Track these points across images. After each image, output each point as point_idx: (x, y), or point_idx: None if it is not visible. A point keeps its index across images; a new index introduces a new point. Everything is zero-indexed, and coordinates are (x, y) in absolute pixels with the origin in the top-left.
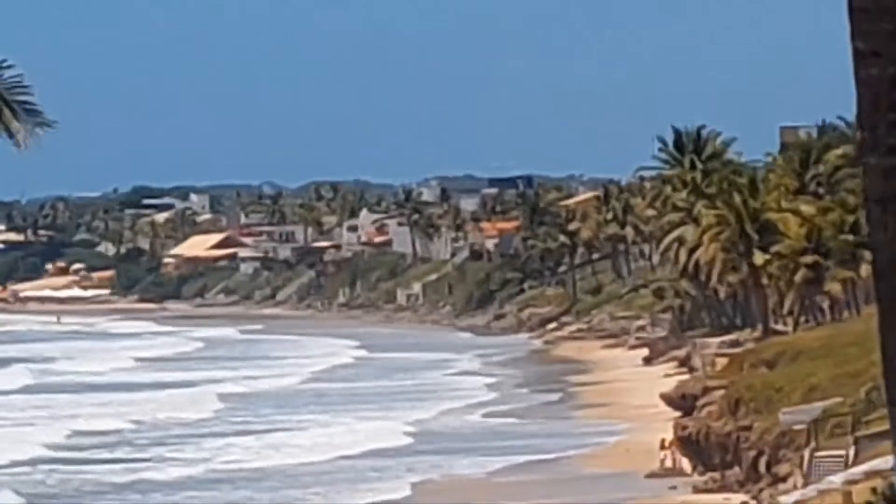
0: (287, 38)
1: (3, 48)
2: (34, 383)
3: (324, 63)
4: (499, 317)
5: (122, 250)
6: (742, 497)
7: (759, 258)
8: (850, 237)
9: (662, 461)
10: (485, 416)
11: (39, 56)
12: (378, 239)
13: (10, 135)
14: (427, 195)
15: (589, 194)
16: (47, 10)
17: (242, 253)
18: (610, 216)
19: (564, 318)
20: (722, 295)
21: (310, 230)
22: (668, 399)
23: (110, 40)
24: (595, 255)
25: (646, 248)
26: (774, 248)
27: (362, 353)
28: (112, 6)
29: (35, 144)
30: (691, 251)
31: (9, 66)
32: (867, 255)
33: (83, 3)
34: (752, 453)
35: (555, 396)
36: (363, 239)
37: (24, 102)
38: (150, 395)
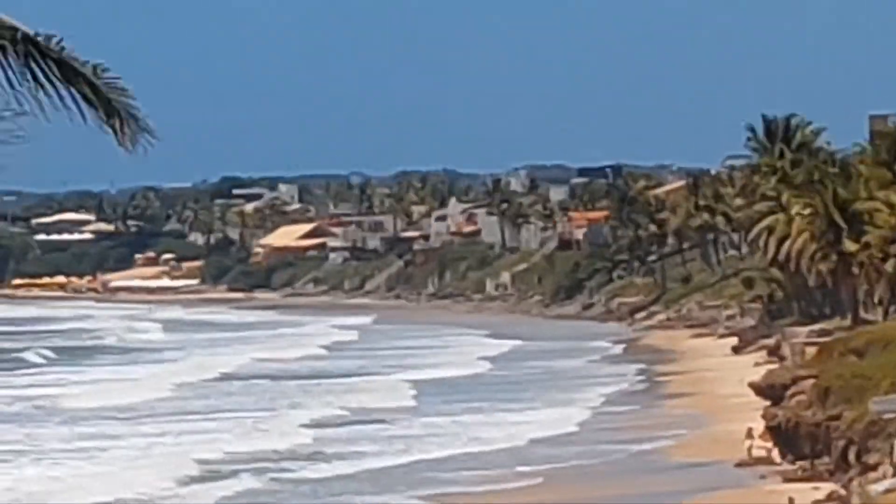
0: (374, 27)
1: (94, 40)
2: (233, 371)
3: (412, 53)
4: (588, 306)
5: (212, 240)
6: (832, 486)
7: (849, 247)
8: None
9: (751, 450)
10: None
11: (129, 44)
12: (467, 229)
13: (116, 135)
14: (516, 185)
15: (678, 183)
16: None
17: (331, 243)
18: (699, 205)
19: (653, 308)
20: (811, 284)
21: (398, 220)
22: (757, 388)
23: (200, 30)
24: (684, 245)
25: (735, 237)
26: (864, 238)
27: (514, 342)
28: None
29: (134, 149)
30: (780, 241)
31: (105, 70)
32: None
33: None
34: (842, 442)
35: (643, 386)
36: (452, 229)
37: (126, 105)
38: (345, 382)
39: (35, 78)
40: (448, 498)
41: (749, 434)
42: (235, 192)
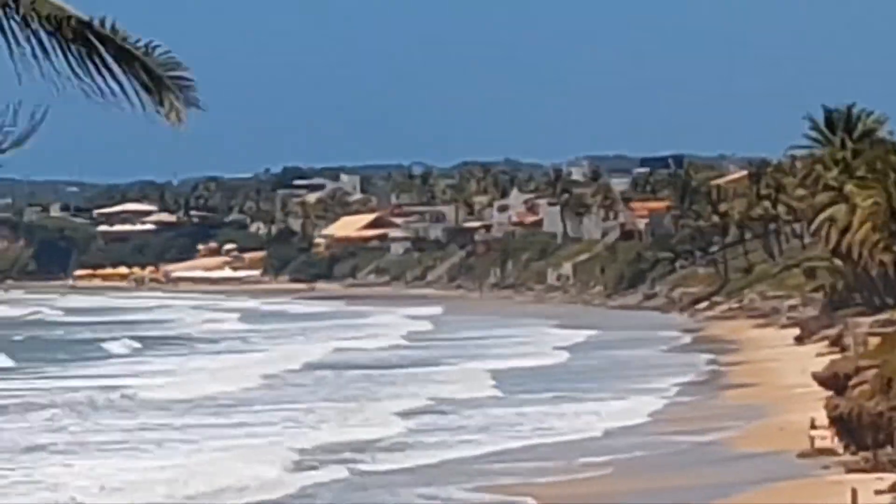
0: (438, 18)
1: (157, 31)
2: (317, 361)
3: (474, 44)
4: (649, 297)
5: (274, 231)
6: (895, 477)
7: None
8: None
9: (814, 441)
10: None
11: (192, 36)
12: (528, 219)
13: (168, 112)
14: (577, 175)
15: (740, 173)
16: None
17: (393, 233)
18: (761, 195)
19: (715, 298)
20: (874, 274)
21: (460, 210)
22: (819, 378)
23: (262, 21)
24: (746, 235)
25: (797, 227)
26: None
27: (587, 332)
28: None
29: (189, 122)
30: (843, 231)
31: (157, 46)
32: None
33: None
34: None
35: (708, 376)
36: (514, 219)
37: (178, 78)
38: (426, 371)
39: (95, 65)
40: (531, 488)
41: (812, 424)
42: (297, 182)
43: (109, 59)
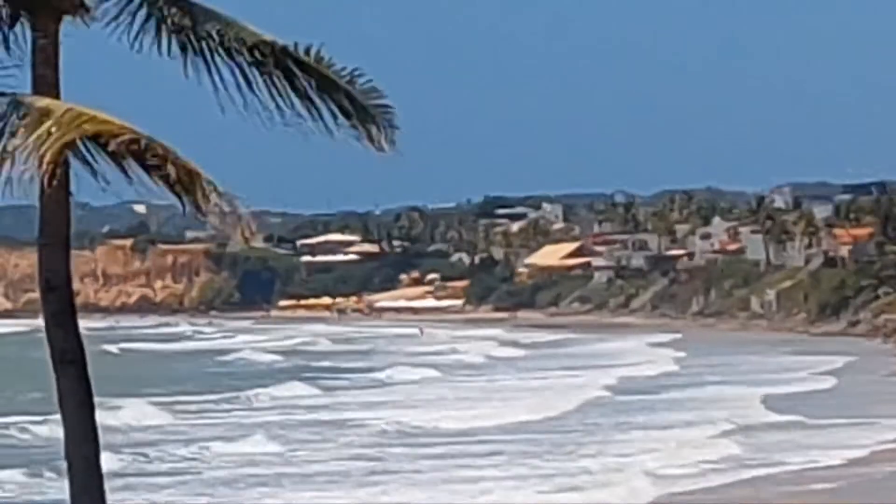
0: (633, 43)
1: (362, 59)
2: (615, 385)
3: (675, 71)
4: (853, 323)
5: (476, 260)
6: None
7: None
8: None
9: None
10: None
11: (392, 67)
12: (731, 246)
13: (371, 141)
14: (779, 202)
15: None
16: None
17: (596, 262)
18: None
19: None
20: None
21: (662, 238)
22: None
23: (466, 53)
24: None
25: None
26: None
27: (844, 358)
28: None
29: (390, 151)
30: None
31: (360, 74)
32: None
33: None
34: None
35: None
36: (716, 247)
37: (380, 106)
38: (706, 395)
39: (297, 94)
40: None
41: None
42: (499, 211)
43: (310, 88)
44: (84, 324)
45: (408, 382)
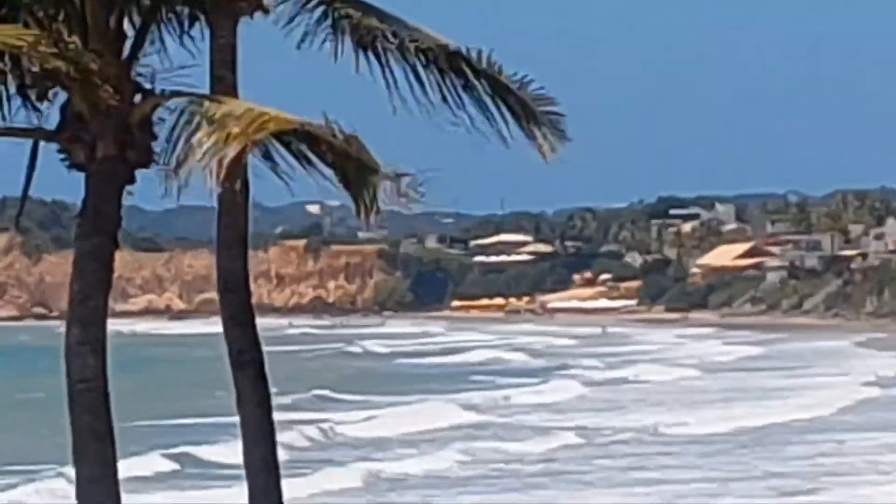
0: (811, 45)
1: (532, 65)
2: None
3: (846, 68)
4: None
5: (649, 260)
6: None
7: None
8: None
9: None
10: None
11: (565, 70)
12: None
13: (539, 147)
14: None
15: None
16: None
17: (769, 262)
18: None
19: None
20: None
21: (836, 239)
22: None
23: (635, 54)
24: None
25: None
26: None
27: None
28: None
29: (557, 157)
30: None
31: (531, 81)
32: None
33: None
34: None
35: None
36: (890, 247)
37: (549, 113)
38: None
39: (470, 96)
40: None
41: None
42: (672, 212)
43: (484, 92)
44: (309, 322)
45: (662, 382)
